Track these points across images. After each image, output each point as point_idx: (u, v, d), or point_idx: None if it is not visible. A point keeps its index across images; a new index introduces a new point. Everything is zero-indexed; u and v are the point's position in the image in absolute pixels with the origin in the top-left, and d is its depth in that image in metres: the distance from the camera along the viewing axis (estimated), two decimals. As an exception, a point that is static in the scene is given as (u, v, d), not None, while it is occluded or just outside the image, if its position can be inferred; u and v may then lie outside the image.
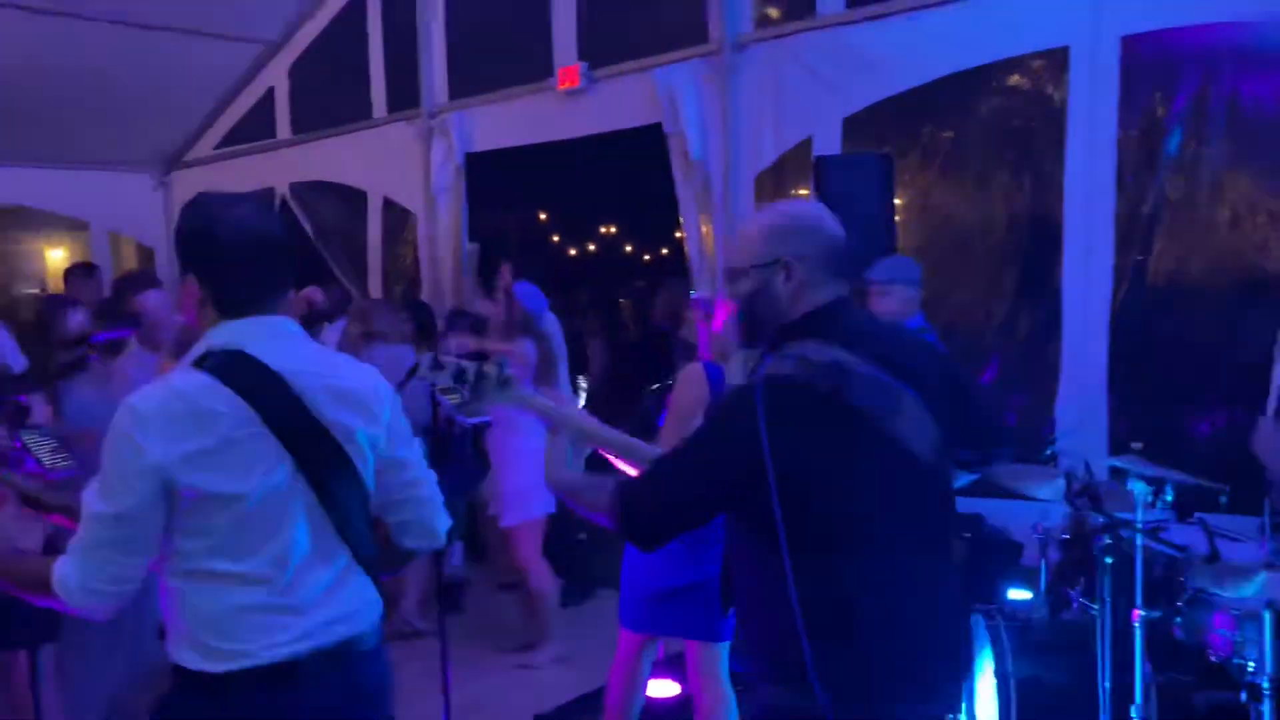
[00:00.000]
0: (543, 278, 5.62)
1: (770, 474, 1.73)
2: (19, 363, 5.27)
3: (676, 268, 6.66)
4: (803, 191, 5.55)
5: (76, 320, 3.37)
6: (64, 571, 1.77)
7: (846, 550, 1.80)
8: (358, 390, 1.93)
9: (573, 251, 16.25)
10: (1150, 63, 4.35)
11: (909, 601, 1.84)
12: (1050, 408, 4.51)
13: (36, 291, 13.40)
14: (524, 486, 4.54)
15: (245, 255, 1.85)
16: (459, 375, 2.26)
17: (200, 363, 1.82)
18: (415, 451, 2.02)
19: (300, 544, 1.84)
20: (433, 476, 2.05)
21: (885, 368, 1.83)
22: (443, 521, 2.07)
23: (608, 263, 15.63)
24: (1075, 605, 3.23)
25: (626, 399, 5.49)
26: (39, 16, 6.45)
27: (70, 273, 6.62)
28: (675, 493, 1.89)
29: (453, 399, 4.22)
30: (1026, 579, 3.65)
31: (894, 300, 3.89)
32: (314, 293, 5.52)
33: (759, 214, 2.04)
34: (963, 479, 2.49)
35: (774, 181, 5.63)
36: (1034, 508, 3.61)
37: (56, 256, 13.56)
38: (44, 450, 2.52)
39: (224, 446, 1.77)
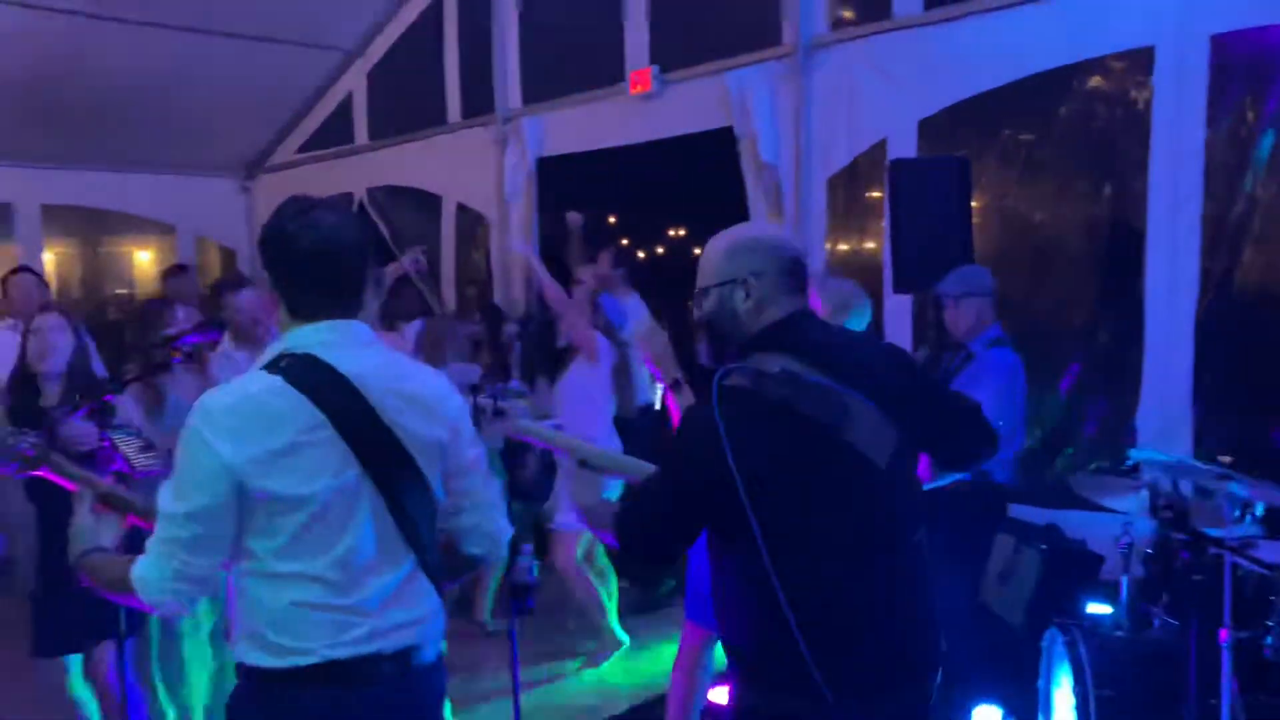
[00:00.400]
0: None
1: (738, 480, 1.82)
2: (98, 367, 5.52)
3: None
4: (875, 194, 5.49)
5: (177, 320, 3.50)
6: (141, 570, 1.81)
7: (806, 549, 1.90)
8: (425, 395, 1.94)
9: (641, 254, 16.24)
10: (1240, 63, 4.20)
11: (858, 600, 1.92)
12: (1132, 417, 4.39)
13: (125, 292, 13.91)
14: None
15: (312, 261, 1.86)
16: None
17: (272, 366, 1.85)
18: (480, 457, 2.03)
19: (366, 547, 1.85)
20: (497, 483, 2.06)
21: (839, 377, 1.92)
22: (505, 528, 2.07)
23: (677, 265, 15.60)
24: (1158, 623, 3.14)
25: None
26: (130, 27, 6.68)
27: (167, 274, 6.88)
28: (659, 511, 1.97)
29: (522, 405, 4.28)
30: (1107, 593, 3.55)
31: (969, 313, 3.80)
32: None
33: (719, 237, 2.12)
34: (950, 477, 2.68)
35: (847, 184, 5.58)
36: (1114, 519, 3.51)
37: (144, 259, 13.99)
38: (132, 449, 2.61)
39: (292, 449, 1.79)
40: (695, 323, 2.10)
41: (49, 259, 9.18)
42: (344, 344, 1.88)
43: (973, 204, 4.57)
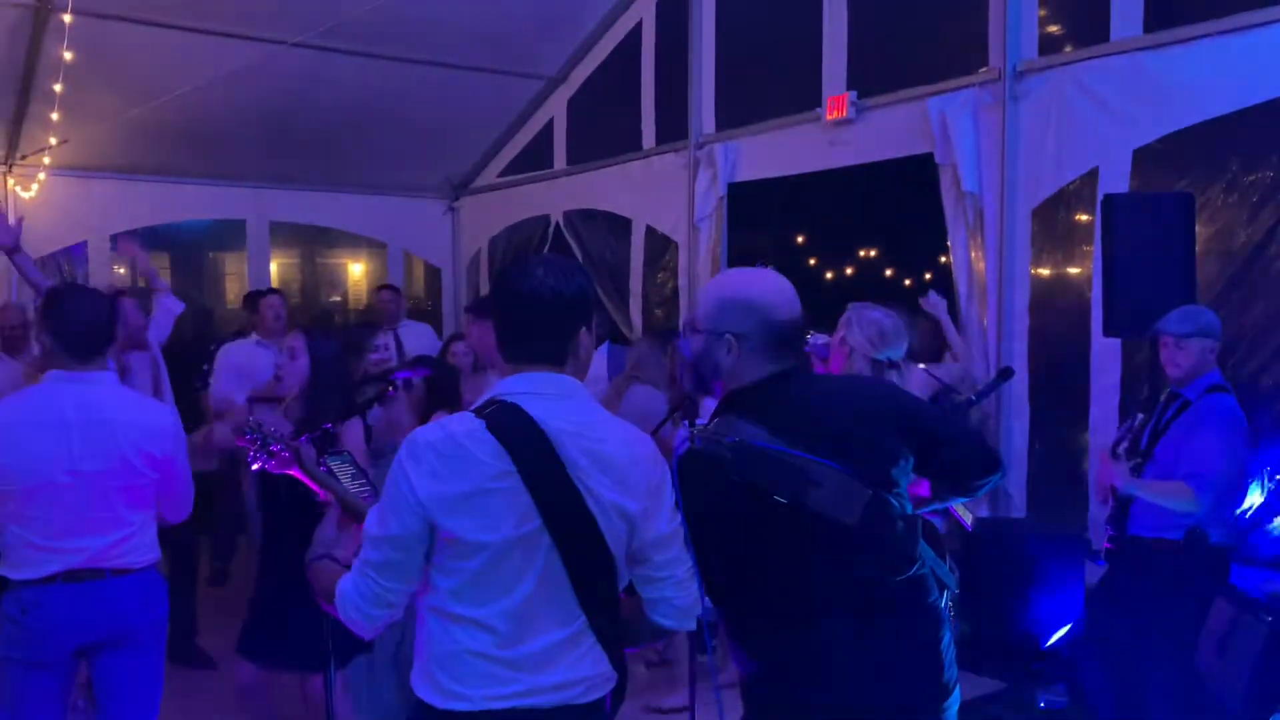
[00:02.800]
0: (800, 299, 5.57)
1: (684, 531, 1.98)
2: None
3: (941, 292, 6.40)
4: (1084, 221, 5.20)
5: (380, 346, 3.72)
6: (343, 586, 1.92)
7: (747, 608, 2.07)
8: (618, 458, 1.92)
9: (830, 274, 16.03)
10: None
11: (818, 655, 2.02)
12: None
13: (338, 299, 14.90)
14: None
15: (525, 311, 1.94)
16: None
17: (480, 409, 1.91)
18: (675, 530, 1.98)
19: (536, 601, 1.86)
20: (690, 557, 2.00)
21: (804, 444, 1.99)
22: (696, 604, 2.01)
23: (867, 285, 15.29)
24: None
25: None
26: (352, 59, 7.15)
27: (379, 291, 7.33)
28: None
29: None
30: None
31: (1191, 354, 3.58)
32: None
33: (720, 280, 2.22)
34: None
35: (1052, 214, 5.31)
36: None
37: (356, 270, 14.99)
38: (346, 475, 2.78)
39: (479, 494, 1.83)
40: (685, 356, 2.17)
41: (274, 268, 9.94)
42: (549, 395, 1.92)
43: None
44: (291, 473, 2.80)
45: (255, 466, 2.82)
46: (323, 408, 3.19)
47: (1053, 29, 5.38)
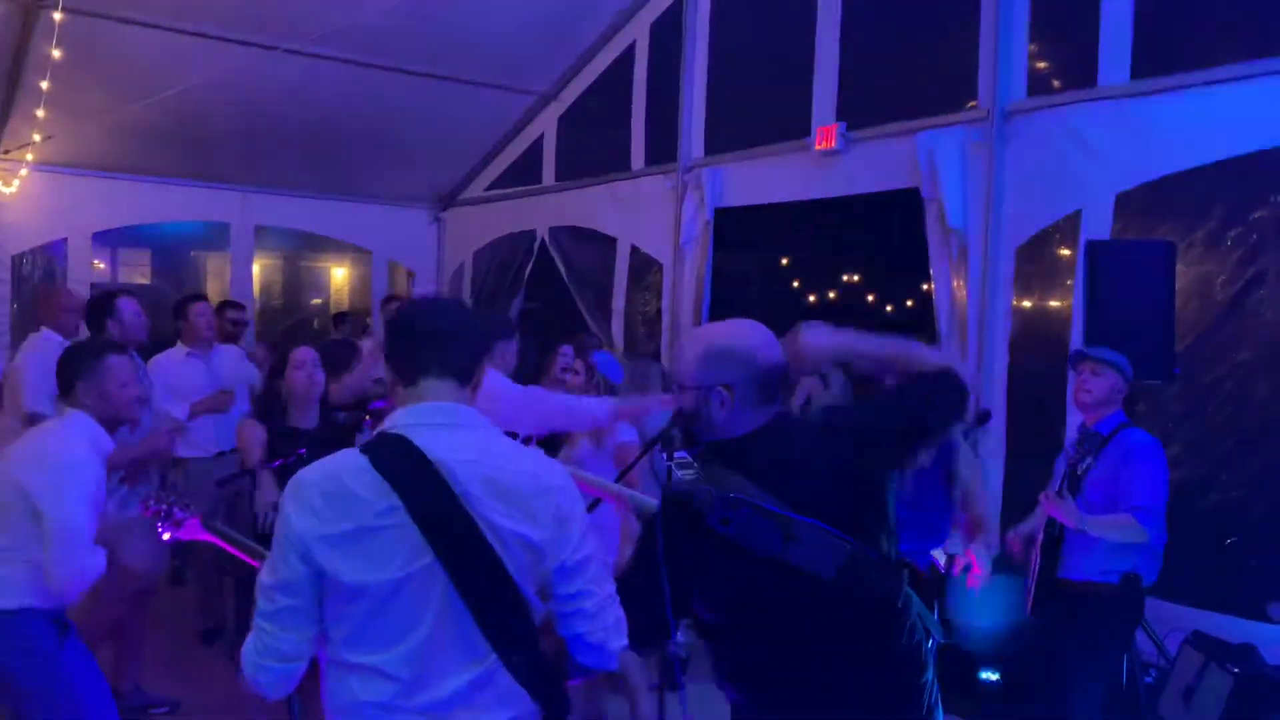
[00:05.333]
0: (781, 324, 5.61)
1: (664, 580, 1.98)
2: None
3: (921, 321, 6.45)
4: (1065, 260, 5.24)
5: (364, 360, 3.69)
6: (245, 646, 1.82)
7: (730, 647, 2.14)
8: (520, 487, 1.83)
9: (812, 298, 16.10)
10: None
11: (791, 696, 2.07)
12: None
13: (319, 302, 14.84)
14: None
15: (428, 336, 1.90)
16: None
17: (367, 445, 1.84)
18: (591, 558, 1.88)
19: (436, 643, 1.77)
20: (608, 587, 1.91)
21: (787, 500, 2.01)
22: (612, 640, 1.89)
23: (849, 310, 15.37)
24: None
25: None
26: (343, 67, 7.12)
27: (384, 303, 7.21)
28: (626, 597, 1.99)
29: (687, 474, 4.27)
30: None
31: (1105, 384, 3.69)
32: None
33: (699, 336, 2.24)
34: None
35: (1035, 254, 5.35)
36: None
37: (339, 275, 14.94)
38: None
39: (363, 533, 1.75)
40: (676, 412, 2.18)
41: (256, 269, 9.88)
42: (441, 426, 1.84)
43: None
44: (201, 538, 2.75)
45: (166, 537, 2.76)
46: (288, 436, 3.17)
47: (1041, 67, 5.43)
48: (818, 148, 6.19)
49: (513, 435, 2.38)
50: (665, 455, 3.61)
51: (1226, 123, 4.46)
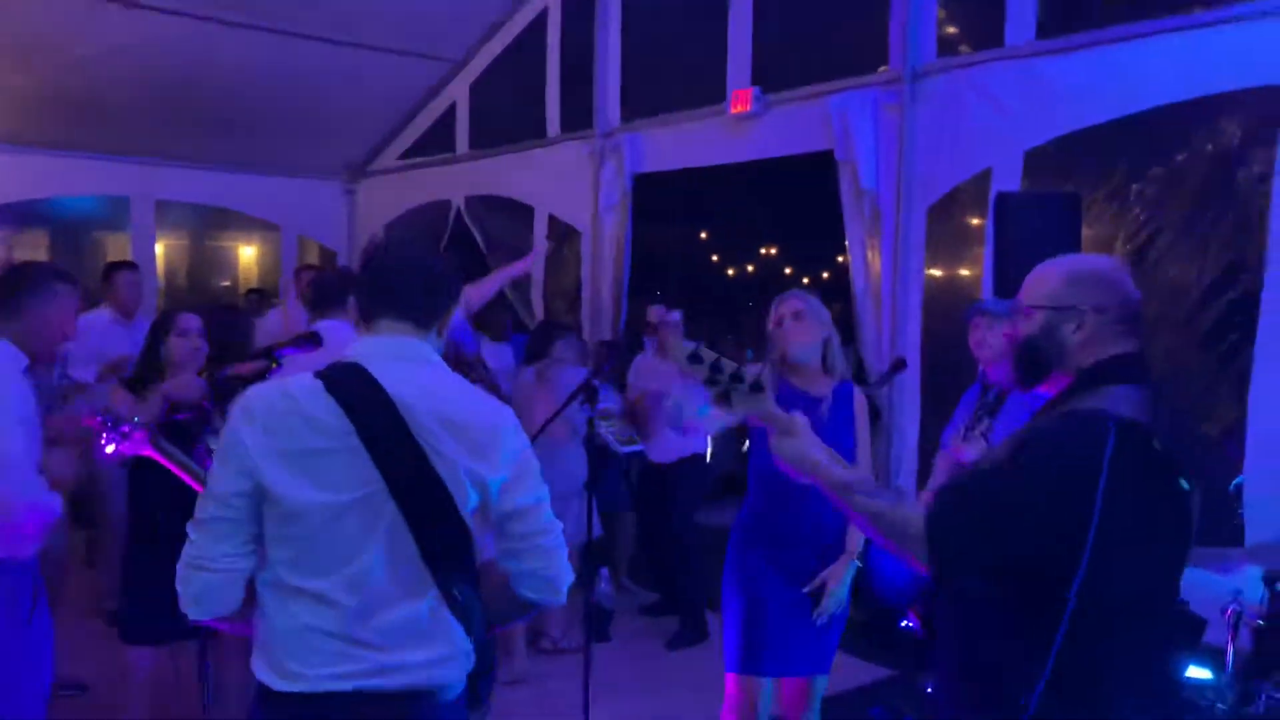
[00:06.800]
0: (701, 297, 5.65)
1: (1093, 522, 1.63)
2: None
3: (838, 291, 6.53)
4: (976, 223, 5.34)
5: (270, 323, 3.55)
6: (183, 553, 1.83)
7: (1125, 618, 1.70)
8: (472, 425, 1.83)
9: (731, 271, 16.22)
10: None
11: (1142, 673, 1.76)
12: (1238, 482, 4.15)
13: (228, 284, 14.40)
14: None
15: (397, 273, 1.93)
16: (714, 370, 1.87)
17: (322, 370, 1.85)
18: (539, 500, 1.90)
19: (378, 572, 1.78)
20: (558, 527, 1.92)
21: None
22: (564, 576, 1.92)
23: (767, 283, 15.53)
24: (1264, 699, 2.96)
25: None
26: (248, 32, 6.89)
27: (297, 272, 7.08)
28: (990, 517, 1.69)
29: (610, 426, 4.29)
30: (1209, 658, 3.36)
31: (1000, 338, 3.67)
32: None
33: (1058, 260, 1.97)
34: None
35: (947, 213, 5.45)
36: (1222, 580, 3.34)
37: (248, 254, 14.51)
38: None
39: (313, 454, 1.77)
40: (1009, 341, 1.96)
41: (159, 250, 9.52)
42: (398, 359, 1.86)
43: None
44: (145, 453, 2.66)
45: (109, 449, 2.66)
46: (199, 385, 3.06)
47: (950, 31, 5.51)
48: (733, 112, 6.19)
49: None
50: (587, 407, 3.59)
51: (1128, 80, 4.57)
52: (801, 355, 3.23)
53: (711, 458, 5.88)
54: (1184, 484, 1.73)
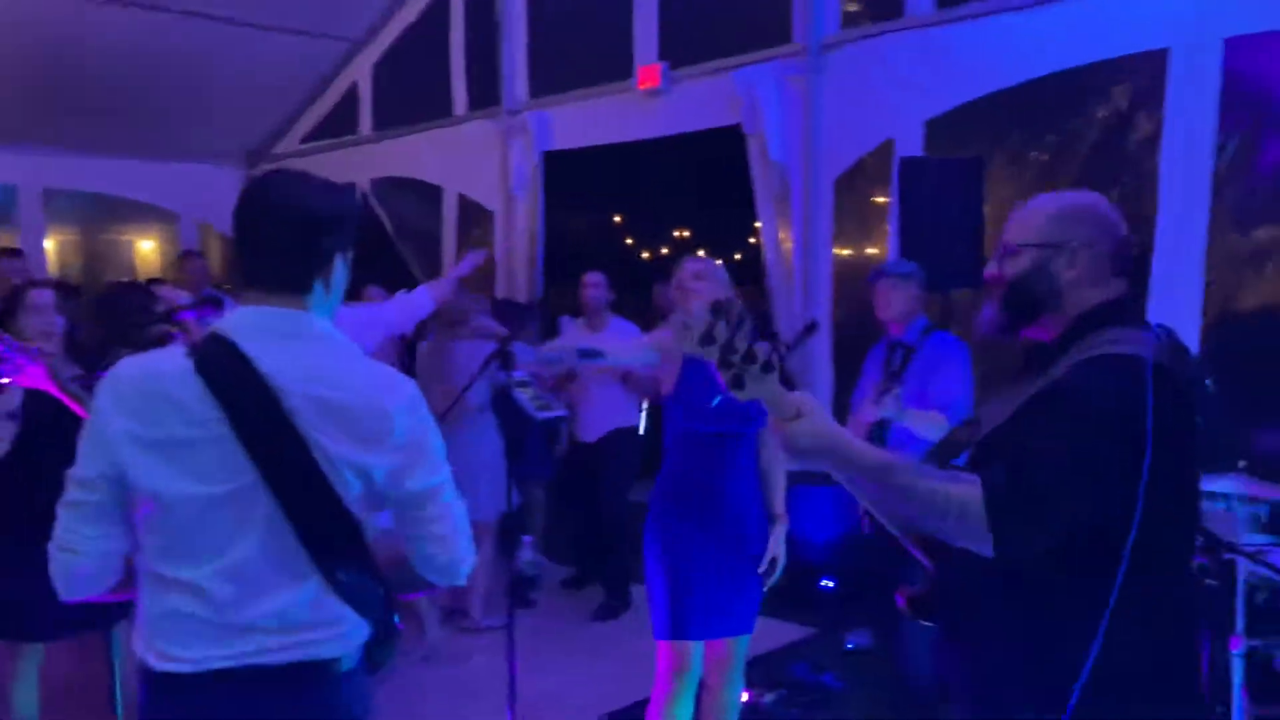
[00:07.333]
0: (615, 280, 5.64)
1: (1144, 468, 1.56)
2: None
3: (750, 273, 6.60)
4: (881, 197, 5.45)
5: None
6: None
7: (1171, 573, 1.69)
8: (353, 408, 1.67)
9: (645, 254, 16.26)
10: (1255, 66, 4.16)
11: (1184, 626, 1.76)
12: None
13: (124, 279, 13.87)
14: None
15: (264, 224, 1.71)
16: (727, 351, 1.66)
17: (194, 347, 1.70)
18: (437, 483, 1.75)
19: (255, 562, 1.66)
20: (458, 508, 1.79)
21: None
22: (464, 559, 1.80)
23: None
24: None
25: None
26: (138, 11, 6.64)
27: (181, 259, 6.86)
28: (1050, 484, 1.59)
29: (526, 393, 4.26)
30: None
31: (906, 297, 3.75)
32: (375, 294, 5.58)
33: (1046, 197, 1.88)
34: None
35: (853, 185, 5.54)
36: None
37: (146, 247, 13.97)
38: None
39: (179, 443, 1.63)
40: (992, 282, 1.85)
41: (50, 245, 9.12)
42: (278, 334, 1.69)
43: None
44: (42, 386, 2.56)
45: (4, 382, 2.56)
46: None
47: (852, 6, 5.60)
48: (641, 87, 6.19)
49: None
50: (503, 372, 3.54)
51: (1022, 48, 4.70)
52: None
53: (645, 432, 5.81)
54: (1199, 421, 1.72)
